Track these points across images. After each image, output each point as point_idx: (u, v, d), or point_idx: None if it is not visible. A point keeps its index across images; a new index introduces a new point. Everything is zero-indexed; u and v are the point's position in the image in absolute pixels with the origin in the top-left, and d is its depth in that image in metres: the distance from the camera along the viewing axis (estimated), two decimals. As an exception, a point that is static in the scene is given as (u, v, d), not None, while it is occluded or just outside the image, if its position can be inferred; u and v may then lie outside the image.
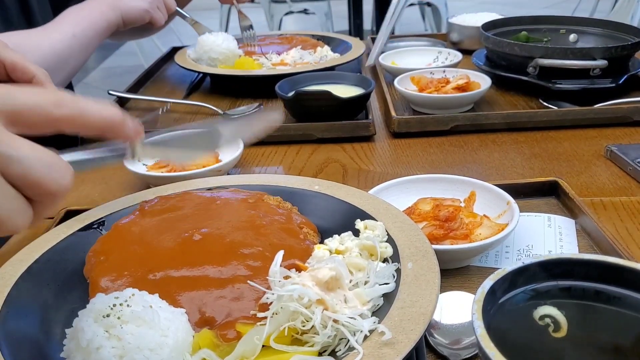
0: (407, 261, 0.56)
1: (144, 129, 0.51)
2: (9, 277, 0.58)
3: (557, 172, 0.92)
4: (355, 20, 3.72)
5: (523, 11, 1.59)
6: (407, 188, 0.78)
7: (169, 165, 0.92)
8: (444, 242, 0.68)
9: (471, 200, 0.75)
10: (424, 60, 1.42)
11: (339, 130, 1.07)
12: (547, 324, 0.43)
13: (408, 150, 1.04)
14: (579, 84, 1.15)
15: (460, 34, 1.56)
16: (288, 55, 1.41)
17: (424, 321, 0.48)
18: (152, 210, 0.69)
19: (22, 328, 0.54)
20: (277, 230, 0.63)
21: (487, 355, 0.39)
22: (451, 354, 0.55)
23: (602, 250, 0.69)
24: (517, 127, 1.07)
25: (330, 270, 0.53)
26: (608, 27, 1.33)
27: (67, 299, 0.59)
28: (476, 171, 0.95)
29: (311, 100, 1.08)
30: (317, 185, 0.72)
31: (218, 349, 0.51)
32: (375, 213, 0.65)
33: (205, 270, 0.58)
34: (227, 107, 1.25)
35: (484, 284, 0.45)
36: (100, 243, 0.64)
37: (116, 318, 0.48)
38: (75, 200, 0.93)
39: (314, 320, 0.49)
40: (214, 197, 0.70)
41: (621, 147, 0.94)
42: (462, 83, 1.14)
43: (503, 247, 0.72)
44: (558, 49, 1.17)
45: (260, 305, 0.54)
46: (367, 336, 0.48)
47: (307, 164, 1.01)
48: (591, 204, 0.81)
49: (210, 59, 1.39)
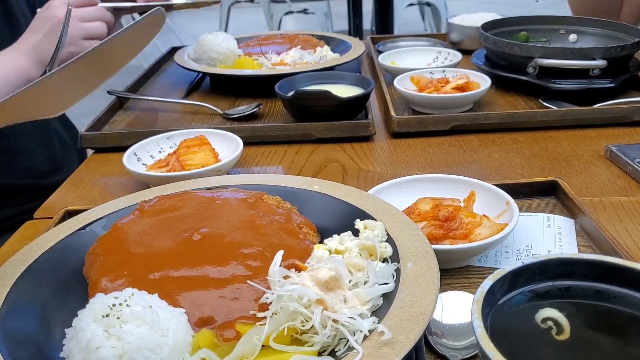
0: (406, 261, 0.56)
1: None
2: (8, 277, 0.58)
3: (556, 172, 0.92)
4: (355, 20, 3.72)
5: (523, 11, 1.59)
6: (406, 188, 0.78)
7: (168, 165, 0.92)
8: (444, 242, 0.68)
9: (471, 200, 0.75)
10: (424, 60, 1.42)
11: (339, 130, 1.07)
12: (550, 327, 0.43)
13: (408, 150, 1.04)
14: (578, 84, 1.15)
15: (460, 34, 1.56)
16: (288, 55, 1.41)
17: (424, 321, 0.48)
18: (152, 210, 0.69)
19: (21, 328, 0.54)
20: (277, 230, 0.63)
21: (487, 355, 0.39)
22: (451, 354, 0.55)
23: (602, 250, 0.69)
24: (516, 127, 1.07)
25: (329, 270, 0.53)
26: (608, 27, 1.33)
27: (66, 299, 0.59)
28: (476, 171, 0.95)
29: (311, 100, 1.08)
30: (316, 185, 0.72)
31: (217, 348, 0.51)
32: (374, 213, 0.65)
33: (204, 270, 0.58)
34: (226, 107, 1.25)
35: (483, 284, 0.45)
36: (99, 243, 0.64)
37: (116, 318, 0.48)
38: (75, 200, 0.93)
39: (313, 320, 0.49)
40: (213, 197, 0.70)
41: (621, 147, 0.94)
42: (462, 83, 1.14)
43: (502, 247, 0.72)
44: (557, 49, 1.18)
45: (259, 305, 0.54)
46: (367, 336, 0.48)
47: (307, 164, 1.01)
48: (591, 204, 0.81)
49: (210, 58, 1.39)
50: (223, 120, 1.19)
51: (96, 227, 0.68)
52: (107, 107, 1.24)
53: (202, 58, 1.40)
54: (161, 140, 1.00)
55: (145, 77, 1.48)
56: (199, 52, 1.41)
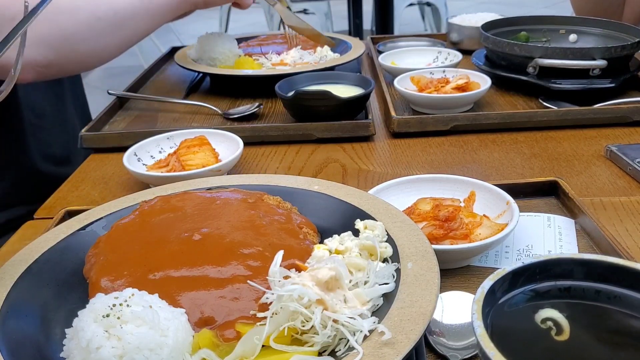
0: (406, 261, 0.56)
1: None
2: (9, 277, 0.58)
3: (556, 172, 0.92)
4: (355, 20, 3.72)
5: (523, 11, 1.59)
6: (406, 188, 0.78)
7: (169, 165, 0.92)
8: (444, 242, 0.68)
9: (471, 200, 0.75)
10: (424, 60, 1.42)
11: (339, 130, 1.07)
12: (550, 327, 0.43)
13: (408, 150, 1.04)
14: (578, 84, 1.15)
15: (460, 34, 1.56)
16: (288, 55, 1.41)
17: (424, 321, 0.48)
18: (152, 210, 0.69)
19: (22, 328, 0.54)
20: (277, 230, 0.63)
21: (487, 355, 0.39)
22: (451, 354, 0.55)
23: (602, 250, 0.69)
24: (516, 127, 1.07)
25: (330, 270, 0.53)
26: (608, 27, 1.33)
27: (66, 299, 0.59)
28: (476, 171, 0.95)
29: (311, 100, 1.08)
30: (316, 185, 0.72)
31: (218, 349, 0.51)
32: (375, 213, 0.65)
33: (205, 270, 0.58)
34: (226, 107, 1.25)
35: (483, 284, 0.45)
36: (100, 243, 0.64)
37: (116, 318, 0.48)
38: (75, 200, 0.93)
39: (313, 320, 0.49)
40: (213, 197, 0.70)
41: (621, 147, 0.94)
42: (462, 83, 1.14)
43: (503, 247, 0.72)
44: (558, 49, 1.18)
45: (260, 305, 0.54)
46: (367, 336, 0.48)
47: (307, 164, 1.01)
48: (591, 204, 0.81)
49: (210, 58, 1.39)
50: (223, 120, 1.19)
51: (96, 227, 0.68)
52: (107, 107, 1.24)
53: (203, 58, 1.40)
54: (161, 141, 1.00)
55: (145, 77, 1.48)
56: (199, 53, 1.41)
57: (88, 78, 4.83)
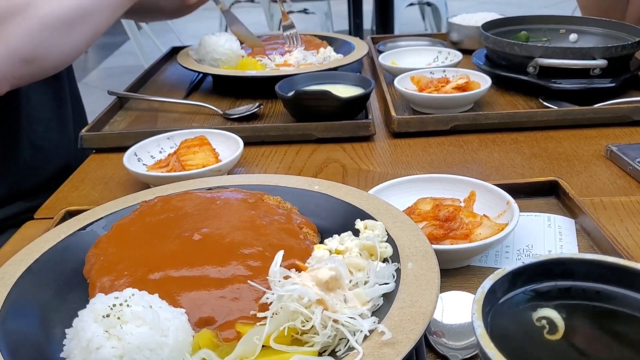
0: (407, 261, 0.56)
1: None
2: (9, 277, 0.58)
3: (557, 172, 0.92)
4: (355, 20, 3.72)
5: (523, 11, 1.59)
6: (407, 188, 0.78)
7: (169, 165, 0.92)
8: (444, 242, 0.68)
9: (471, 200, 0.75)
10: (424, 60, 1.42)
11: (339, 130, 1.07)
12: (543, 326, 0.43)
13: (408, 150, 1.04)
14: (578, 83, 1.15)
15: (460, 34, 1.56)
16: (291, 56, 1.41)
17: (424, 321, 0.48)
18: (152, 210, 0.69)
19: (22, 328, 0.54)
20: (277, 230, 0.63)
21: (487, 355, 0.39)
22: (451, 354, 0.55)
23: (602, 250, 0.69)
24: (517, 126, 1.07)
25: (330, 270, 0.53)
26: (608, 27, 1.33)
27: (67, 299, 0.59)
28: (476, 171, 0.95)
29: (311, 100, 1.08)
30: (317, 185, 0.72)
31: (218, 349, 0.51)
32: (375, 213, 0.65)
33: (205, 270, 0.58)
34: (227, 107, 1.25)
35: (484, 284, 0.45)
36: (100, 243, 0.64)
37: (116, 318, 0.48)
38: (76, 200, 0.93)
39: (313, 320, 0.49)
40: (213, 197, 0.70)
41: (621, 146, 0.94)
42: (462, 83, 1.14)
43: (503, 247, 0.72)
44: (558, 48, 1.18)
45: (260, 305, 0.54)
46: (367, 336, 0.48)
47: (307, 164, 1.01)
48: (591, 203, 0.81)
49: (213, 59, 1.39)
50: (223, 120, 1.19)
51: (96, 227, 0.68)
52: (107, 107, 1.24)
53: (205, 59, 1.40)
54: (161, 141, 1.00)
55: (146, 77, 1.48)
56: (201, 53, 1.41)
57: (88, 78, 4.84)
